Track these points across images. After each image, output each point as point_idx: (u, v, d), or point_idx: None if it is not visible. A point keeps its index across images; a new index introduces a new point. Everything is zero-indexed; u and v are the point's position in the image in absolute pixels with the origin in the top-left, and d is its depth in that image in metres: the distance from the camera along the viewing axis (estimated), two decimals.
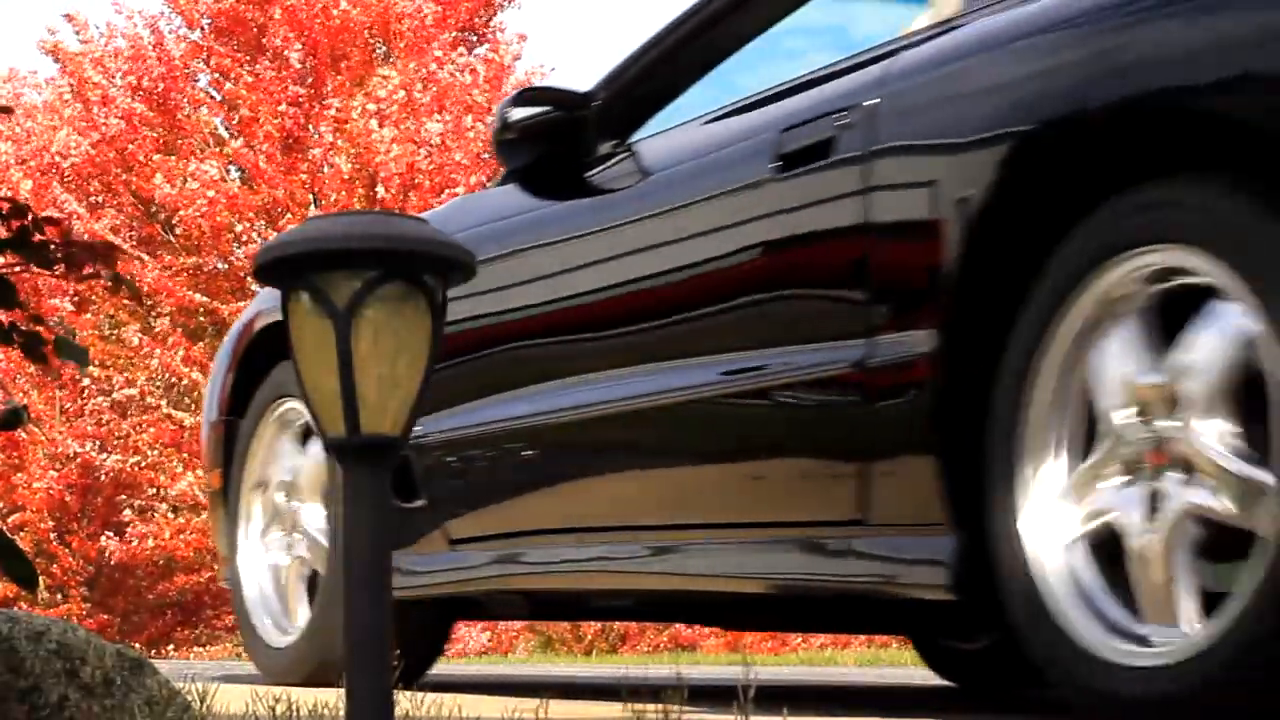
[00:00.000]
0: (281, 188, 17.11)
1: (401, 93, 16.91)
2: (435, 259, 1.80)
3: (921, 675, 7.04)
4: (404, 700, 2.47)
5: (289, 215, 17.01)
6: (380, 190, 16.78)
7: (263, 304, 4.62)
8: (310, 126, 17.27)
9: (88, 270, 1.99)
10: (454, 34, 18.03)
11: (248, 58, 17.60)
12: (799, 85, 3.37)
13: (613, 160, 3.74)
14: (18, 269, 2.01)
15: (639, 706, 2.42)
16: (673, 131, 3.70)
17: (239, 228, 17.37)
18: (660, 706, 2.41)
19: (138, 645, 16.10)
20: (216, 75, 17.76)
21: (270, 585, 4.44)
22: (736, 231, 3.27)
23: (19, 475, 17.39)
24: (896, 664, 10.47)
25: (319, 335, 1.78)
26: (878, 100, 3.04)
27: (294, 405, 4.32)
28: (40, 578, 5.41)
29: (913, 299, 2.95)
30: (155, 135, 17.52)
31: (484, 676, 6.36)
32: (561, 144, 3.82)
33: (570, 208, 3.81)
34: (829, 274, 3.12)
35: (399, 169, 16.67)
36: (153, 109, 17.51)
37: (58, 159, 17.62)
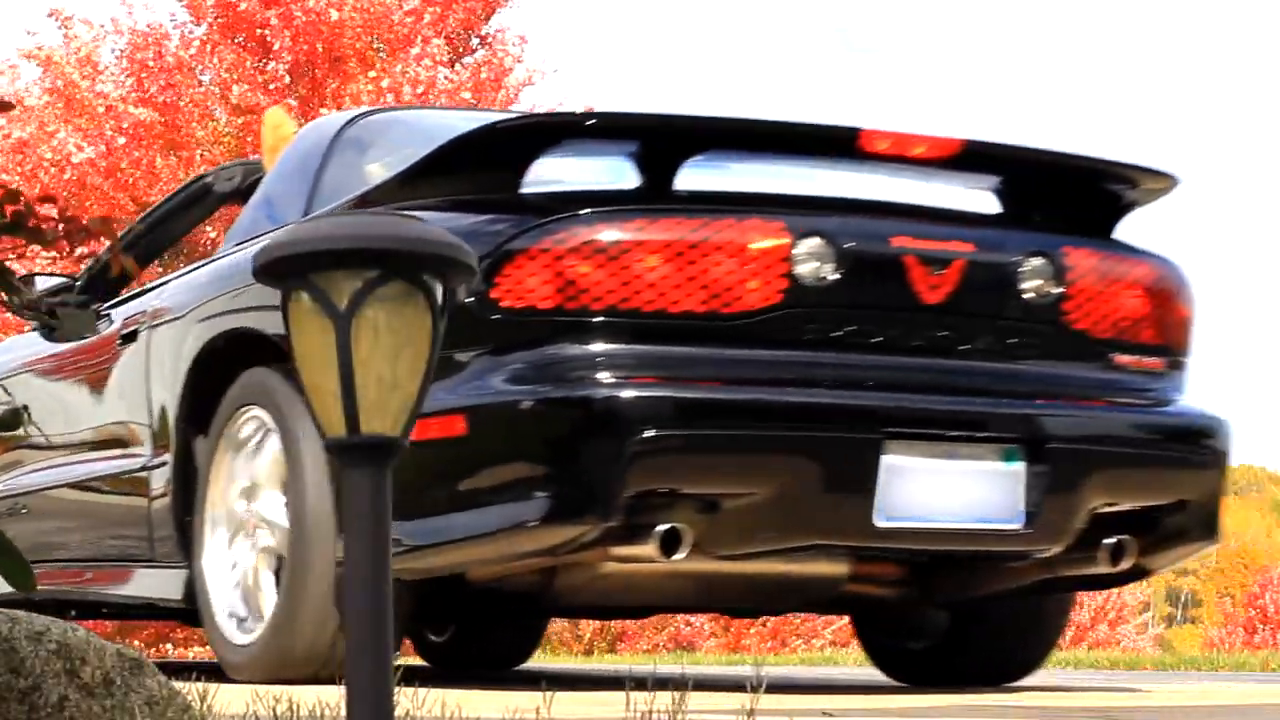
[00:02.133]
0: None
1: (390, 96, 16.89)
2: (435, 259, 1.79)
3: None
4: (404, 700, 2.47)
5: None
6: None
7: None
8: None
9: (88, 245, 1.99)
10: (444, 35, 17.98)
11: (255, 58, 17.57)
12: (146, 290, 5.42)
13: None
14: (14, 256, 2.00)
15: (642, 706, 2.41)
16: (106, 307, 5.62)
17: None
18: (665, 705, 2.41)
19: (137, 645, 16.10)
20: (225, 75, 17.68)
21: None
22: (105, 379, 5.32)
23: None
24: None
25: (319, 335, 1.78)
26: (157, 304, 5.13)
27: None
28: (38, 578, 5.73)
29: (161, 423, 4.97)
30: (158, 141, 17.43)
31: (488, 669, 6.36)
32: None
33: (53, 351, 5.77)
34: (137, 407, 5.13)
35: None
36: (157, 111, 17.43)
37: (53, 170, 17.47)
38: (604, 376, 3.68)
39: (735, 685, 2.67)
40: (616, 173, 4.00)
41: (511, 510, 3.76)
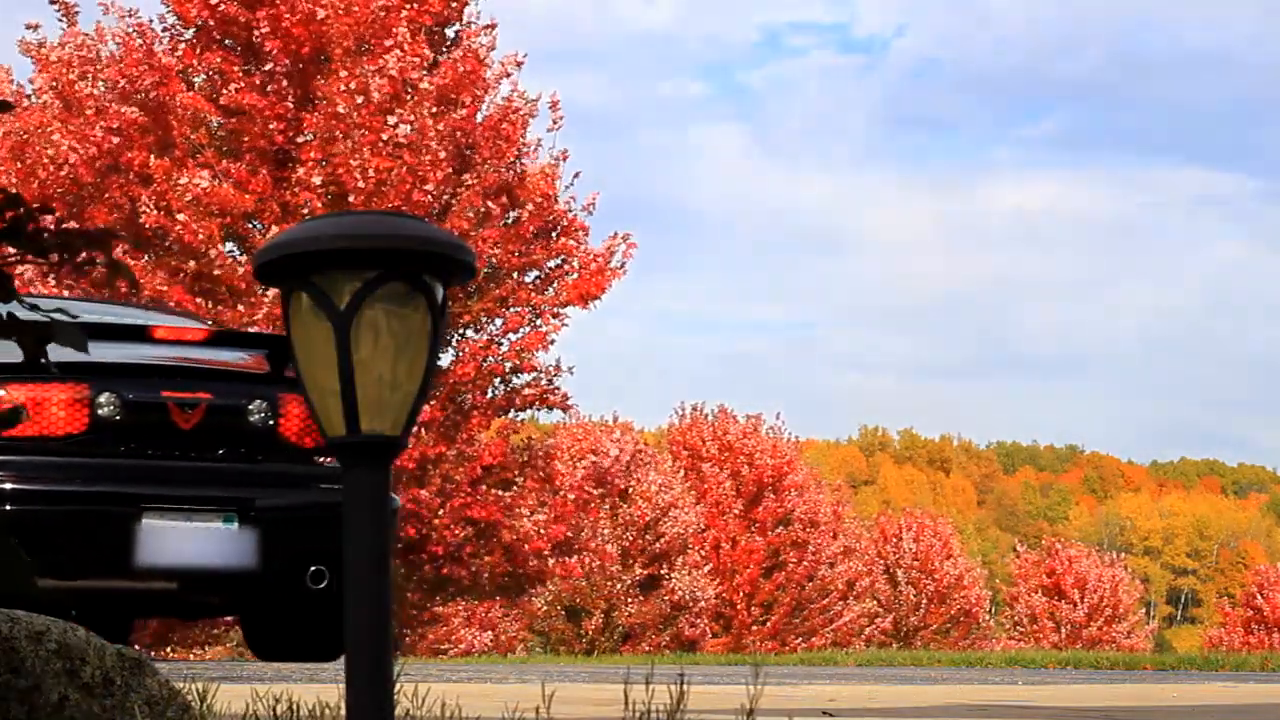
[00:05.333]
0: (273, 198, 17.15)
1: (360, 98, 16.88)
2: (435, 259, 1.79)
3: (922, 675, 7.03)
4: (404, 699, 2.47)
5: (276, 225, 17.05)
6: (351, 199, 16.83)
7: None
8: (299, 137, 17.22)
9: (83, 257, 1.98)
10: (422, 30, 17.93)
11: (244, 60, 17.56)
12: None
13: None
14: (13, 260, 1.99)
15: (641, 705, 2.41)
16: None
17: (228, 245, 17.40)
18: (664, 704, 2.41)
19: (138, 645, 16.10)
20: (216, 75, 17.64)
21: None
22: None
23: None
24: (895, 664, 10.44)
25: (319, 335, 1.78)
26: None
27: None
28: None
29: None
30: (149, 140, 17.37)
31: (495, 671, 6.36)
32: None
33: None
34: None
35: (365, 182, 16.71)
36: (146, 113, 17.37)
37: (51, 168, 17.43)
38: None
39: (732, 683, 2.68)
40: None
41: None
